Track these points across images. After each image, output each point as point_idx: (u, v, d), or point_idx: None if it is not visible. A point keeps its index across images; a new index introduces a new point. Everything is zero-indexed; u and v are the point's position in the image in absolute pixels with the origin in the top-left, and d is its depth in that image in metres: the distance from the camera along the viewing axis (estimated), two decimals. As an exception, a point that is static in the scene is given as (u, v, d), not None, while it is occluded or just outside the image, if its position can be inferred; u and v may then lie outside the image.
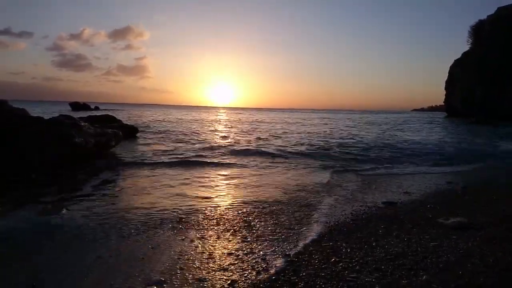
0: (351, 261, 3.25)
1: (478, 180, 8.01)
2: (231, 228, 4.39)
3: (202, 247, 3.73)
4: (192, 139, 16.06)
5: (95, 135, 9.12)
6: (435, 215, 4.79)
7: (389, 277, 2.91)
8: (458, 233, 4.01)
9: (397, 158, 11.56)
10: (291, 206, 5.46)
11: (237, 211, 5.14)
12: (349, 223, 4.59)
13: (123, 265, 3.28)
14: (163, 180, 7.27)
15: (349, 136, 20.19)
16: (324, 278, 2.92)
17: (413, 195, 6.32)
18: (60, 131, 7.94)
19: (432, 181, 7.83)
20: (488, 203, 5.50)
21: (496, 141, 18.66)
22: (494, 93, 54.38)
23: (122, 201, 5.60)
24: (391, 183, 7.47)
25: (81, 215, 4.77)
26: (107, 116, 16.65)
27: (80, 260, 3.38)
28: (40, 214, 4.87)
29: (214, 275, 3.09)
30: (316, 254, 3.47)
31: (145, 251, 3.61)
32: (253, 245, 3.79)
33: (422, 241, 3.79)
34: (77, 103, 52.42)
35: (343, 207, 5.42)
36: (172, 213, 4.96)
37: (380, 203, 5.66)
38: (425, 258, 3.30)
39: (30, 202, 5.43)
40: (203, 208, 5.27)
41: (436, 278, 2.87)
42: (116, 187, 6.64)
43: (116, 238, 3.98)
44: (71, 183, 6.84)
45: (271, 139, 17.05)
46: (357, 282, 2.84)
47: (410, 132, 25.23)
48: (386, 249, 3.57)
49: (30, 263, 3.33)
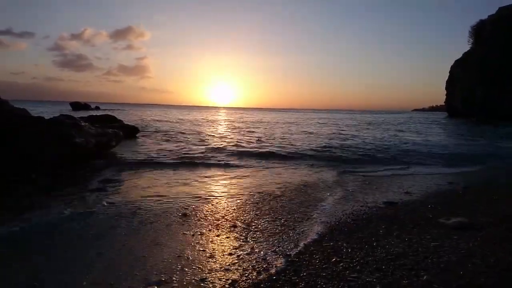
0: (352, 261, 3.24)
1: (478, 180, 7.99)
2: (232, 227, 4.39)
3: (202, 246, 3.73)
4: (193, 139, 16.07)
5: (95, 135, 9.12)
6: (436, 215, 4.78)
7: (390, 277, 2.90)
8: (459, 233, 4.00)
9: (398, 158, 11.54)
10: (292, 206, 5.46)
11: (238, 211, 5.14)
12: (350, 223, 4.59)
13: (123, 264, 3.28)
14: (164, 179, 7.28)
15: (349, 136, 20.19)
16: (325, 278, 2.92)
17: (414, 195, 6.31)
18: (60, 131, 7.94)
19: (433, 181, 7.82)
20: (489, 203, 5.49)
21: (496, 141, 18.64)
22: (494, 93, 54.33)
23: (124, 200, 5.59)
24: (392, 183, 7.47)
25: (82, 215, 4.77)
26: (107, 116, 16.66)
27: (81, 258, 3.38)
28: (41, 214, 4.87)
29: (215, 275, 3.08)
30: (317, 254, 3.47)
31: (146, 249, 3.61)
32: (254, 245, 3.79)
33: (423, 241, 3.78)
34: (77, 103, 52.50)
35: (344, 207, 5.42)
36: (172, 211, 4.96)
37: (381, 203, 5.66)
38: (426, 258, 3.29)
39: (30, 202, 5.43)
40: (204, 207, 5.28)
41: (437, 278, 2.86)
42: (116, 187, 6.64)
43: (119, 234, 3.98)
44: (71, 183, 6.83)
45: (273, 140, 17.04)
46: (358, 282, 2.83)
47: (410, 133, 25.22)
48: (387, 249, 3.56)
49: (31, 262, 3.34)
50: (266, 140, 16.70)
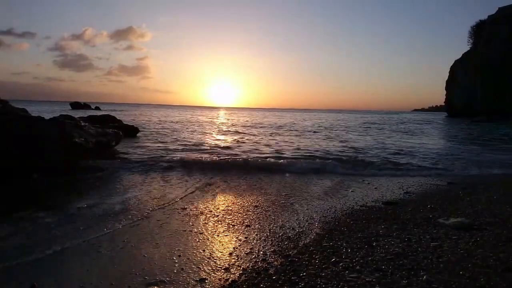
0: (351, 261, 3.24)
1: (479, 180, 7.99)
2: (232, 227, 4.39)
3: (201, 245, 3.73)
4: (195, 139, 16.07)
5: (96, 135, 9.13)
6: (436, 215, 4.78)
7: (389, 277, 2.90)
8: (459, 233, 4.00)
9: (398, 158, 11.53)
10: (293, 206, 5.47)
11: (239, 211, 5.15)
12: (350, 223, 4.59)
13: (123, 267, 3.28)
14: (165, 178, 7.29)
15: (350, 137, 20.20)
16: (324, 278, 2.92)
17: (414, 195, 6.32)
18: (60, 131, 7.94)
19: (433, 181, 7.82)
20: (489, 203, 5.49)
21: (496, 141, 18.65)
22: (494, 93, 54.36)
23: (126, 199, 5.60)
24: (392, 184, 7.47)
25: (84, 215, 4.78)
26: (107, 116, 16.68)
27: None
28: (42, 214, 4.87)
29: (213, 275, 3.08)
30: (317, 254, 3.47)
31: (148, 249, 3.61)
32: (253, 244, 3.79)
33: (422, 241, 3.78)
34: (77, 103, 52.58)
35: (343, 207, 5.42)
36: (172, 208, 4.97)
37: (381, 203, 5.66)
38: (426, 258, 3.30)
39: (32, 202, 5.43)
40: (204, 206, 5.28)
41: (437, 278, 2.86)
42: (118, 186, 6.65)
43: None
44: (71, 183, 6.85)
45: (274, 140, 17.05)
46: (357, 282, 2.83)
47: (410, 133, 25.24)
48: (387, 249, 3.56)
49: (33, 262, 3.34)
50: (268, 140, 16.69)
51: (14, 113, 7.95)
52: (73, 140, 8.00)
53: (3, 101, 8.21)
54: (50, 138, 7.55)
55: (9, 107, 8.15)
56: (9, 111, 7.92)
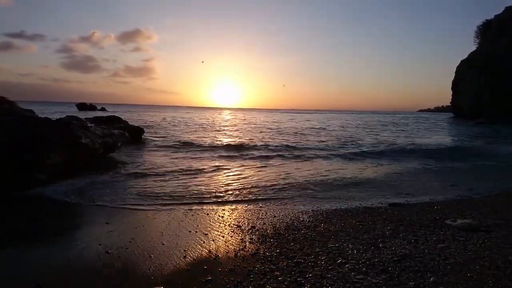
0: (357, 263, 3.22)
1: (485, 181, 7.90)
2: (237, 227, 4.39)
3: (205, 244, 3.73)
4: (200, 141, 16.09)
5: (102, 136, 9.17)
6: (443, 217, 4.74)
7: (396, 279, 2.88)
8: (466, 235, 3.96)
9: (403, 159, 11.46)
10: (297, 208, 5.45)
11: (243, 211, 5.15)
12: (355, 224, 4.56)
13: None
14: (166, 179, 7.31)
15: (351, 138, 20.11)
16: (330, 279, 2.90)
17: (420, 197, 6.26)
18: (67, 132, 7.98)
19: (439, 182, 7.75)
20: (496, 205, 5.43)
21: (503, 142, 18.45)
22: (500, 94, 53.81)
23: (136, 195, 5.62)
24: (398, 185, 7.42)
25: (88, 216, 4.81)
26: (113, 117, 16.73)
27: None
28: (45, 215, 4.91)
29: (219, 275, 3.08)
30: (323, 255, 3.45)
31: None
32: (259, 246, 3.78)
33: (429, 243, 3.75)
34: (83, 104, 52.86)
35: (348, 209, 5.39)
36: (173, 206, 4.98)
37: (387, 204, 5.62)
38: (433, 259, 3.26)
39: (37, 203, 5.48)
40: (205, 206, 5.29)
41: (444, 280, 2.83)
42: (125, 185, 6.68)
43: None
44: (78, 183, 6.88)
45: (281, 140, 17.02)
46: (363, 283, 2.81)
47: (417, 133, 25.06)
48: (393, 250, 3.53)
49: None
50: (276, 140, 16.69)
51: (20, 114, 8.01)
52: (79, 141, 8.04)
53: (10, 102, 8.27)
54: (56, 139, 7.59)
55: (16, 108, 8.21)
56: (15, 111, 7.99)
